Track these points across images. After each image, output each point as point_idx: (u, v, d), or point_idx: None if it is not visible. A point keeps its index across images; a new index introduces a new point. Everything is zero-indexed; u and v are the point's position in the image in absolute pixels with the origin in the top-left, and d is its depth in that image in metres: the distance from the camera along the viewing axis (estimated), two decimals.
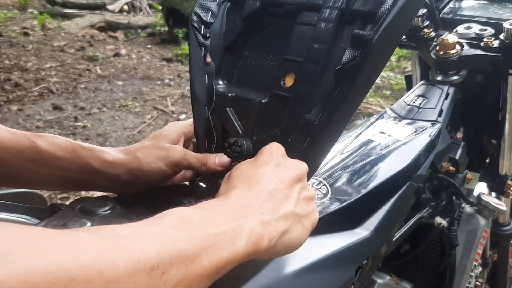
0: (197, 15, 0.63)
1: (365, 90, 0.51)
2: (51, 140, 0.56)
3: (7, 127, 0.54)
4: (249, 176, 0.48)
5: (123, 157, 0.58)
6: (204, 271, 0.35)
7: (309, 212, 0.49)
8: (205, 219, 0.39)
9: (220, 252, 0.37)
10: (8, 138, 0.53)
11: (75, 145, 0.57)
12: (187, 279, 0.33)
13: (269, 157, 0.50)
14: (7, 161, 0.53)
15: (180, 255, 0.33)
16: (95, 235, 0.30)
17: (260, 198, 0.45)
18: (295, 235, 0.46)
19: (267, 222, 0.43)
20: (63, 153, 0.55)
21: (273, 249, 0.44)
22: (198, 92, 0.63)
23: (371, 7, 0.51)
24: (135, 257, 0.29)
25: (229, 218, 0.41)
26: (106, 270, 0.27)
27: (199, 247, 0.35)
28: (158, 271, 0.30)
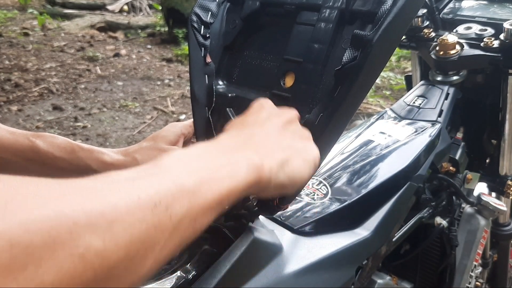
0: (196, 15, 0.63)
1: (365, 90, 0.51)
2: (50, 140, 0.56)
3: (7, 126, 0.55)
4: (241, 122, 0.48)
5: (121, 158, 0.59)
6: (208, 203, 0.35)
7: (307, 148, 0.48)
8: (202, 155, 0.39)
9: (221, 182, 0.36)
10: (7, 138, 0.53)
11: (74, 145, 0.57)
12: (191, 212, 0.33)
13: (260, 107, 0.51)
14: (6, 160, 0.53)
15: (181, 190, 0.33)
16: (93, 181, 0.30)
17: (254, 136, 0.45)
18: (297, 166, 0.46)
19: (264, 153, 0.43)
20: (61, 154, 0.56)
21: (276, 179, 0.43)
22: (198, 92, 0.63)
23: (371, 7, 0.51)
24: (135, 196, 0.29)
25: (225, 152, 0.41)
26: (107, 211, 0.27)
27: (198, 181, 0.35)
28: (161, 207, 0.30)
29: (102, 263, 0.26)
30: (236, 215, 0.55)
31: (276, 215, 0.64)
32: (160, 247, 0.30)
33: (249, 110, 0.51)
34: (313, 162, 0.48)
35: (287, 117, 0.50)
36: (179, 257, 0.53)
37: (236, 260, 0.48)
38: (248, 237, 0.51)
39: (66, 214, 0.26)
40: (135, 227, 0.28)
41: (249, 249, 0.50)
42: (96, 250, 0.26)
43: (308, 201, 0.72)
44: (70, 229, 0.25)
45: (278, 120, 0.48)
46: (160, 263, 0.31)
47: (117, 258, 0.27)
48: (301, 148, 0.47)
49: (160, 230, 0.30)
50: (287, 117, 0.50)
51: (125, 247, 0.28)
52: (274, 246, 0.56)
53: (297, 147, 0.47)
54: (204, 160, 0.38)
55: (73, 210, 0.26)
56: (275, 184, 0.43)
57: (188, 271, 0.50)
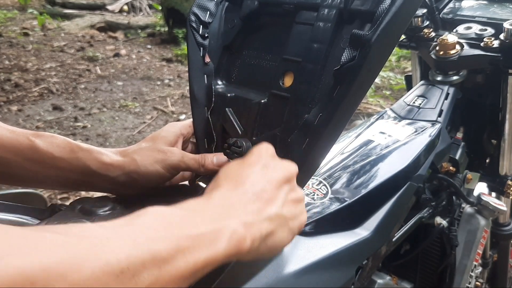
0: (195, 15, 0.63)
1: (364, 90, 0.51)
2: (50, 139, 0.56)
3: (6, 125, 0.55)
4: (236, 176, 0.46)
5: (120, 159, 0.58)
6: (180, 273, 0.33)
7: (297, 214, 0.47)
8: (184, 219, 0.38)
9: (198, 253, 0.35)
10: (7, 137, 0.53)
11: (73, 145, 0.57)
12: (160, 281, 0.32)
13: (258, 157, 0.48)
14: (5, 160, 0.53)
15: (153, 257, 0.32)
16: (62, 236, 0.29)
17: (245, 199, 0.43)
18: (280, 238, 0.45)
19: (250, 223, 0.41)
20: (60, 153, 0.55)
21: (255, 251, 0.42)
22: (197, 92, 0.63)
23: (369, 6, 0.51)
24: (103, 260, 0.29)
25: (210, 219, 0.39)
26: (69, 273, 0.27)
27: (174, 249, 0.33)
28: (128, 274, 0.30)
29: None
30: None
31: None
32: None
33: (248, 157, 0.49)
34: (299, 229, 0.47)
35: (284, 175, 0.47)
36: None
37: (236, 260, 0.48)
38: None
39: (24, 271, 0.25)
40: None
41: None
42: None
43: (308, 201, 0.71)
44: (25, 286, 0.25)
45: (274, 177, 0.46)
46: None
47: None
48: (290, 217, 0.46)
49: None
50: (284, 175, 0.47)
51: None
52: None
53: (287, 216, 0.45)
54: (185, 225, 0.36)
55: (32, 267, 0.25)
56: (253, 255, 0.42)
57: None
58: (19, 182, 0.58)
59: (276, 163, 0.49)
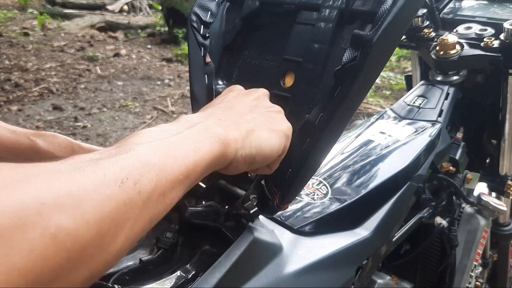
0: (196, 15, 0.63)
1: (365, 90, 0.51)
2: (50, 139, 0.56)
3: (8, 125, 0.55)
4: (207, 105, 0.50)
5: None
6: (175, 177, 0.35)
7: (275, 119, 0.49)
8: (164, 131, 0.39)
9: (186, 155, 0.37)
10: (8, 137, 0.53)
11: (74, 145, 0.57)
12: (160, 187, 0.33)
13: (227, 90, 0.53)
14: (6, 160, 0.53)
15: (146, 165, 0.33)
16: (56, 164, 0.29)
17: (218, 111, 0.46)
18: (264, 137, 0.46)
19: (227, 125, 0.43)
20: (61, 153, 0.56)
21: (243, 150, 0.43)
22: (197, 92, 0.63)
23: (370, 7, 0.51)
24: (100, 174, 0.29)
25: (189, 127, 0.41)
26: (74, 190, 0.27)
27: (163, 155, 0.35)
28: (129, 183, 0.30)
29: (74, 243, 0.26)
30: (236, 215, 0.55)
31: (276, 215, 0.64)
32: (131, 224, 0.30)
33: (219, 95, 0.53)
34: (282, 133, 0.48)
35: (255, 95, 0.51)
36: (179, 257, 0.53)
37: (236, 260, 0.48)
38: (248, 237, 0.51)
39: (32, 195, 0.25)
40: (104, 205, 0.28)
41: (249, 249, 0.50)
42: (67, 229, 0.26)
43: (308, 201, 0.71)
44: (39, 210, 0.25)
45: (245, 98, 0.50)
46: (132, 240, 0.31)
47: (89, 237, 0.27)
48: (268, 119, 0.48)
49: (129, 206, 0.30)
50: (254, 94, 0.51)
51: (96, 225, 0.27)
52: (274, 246, 0.56)
53: (264, 119, 0.47)
54: (166, 136, 0.38)
55: (39, 191, 0.26)
56: (243, 156, 0.44)
57: (188, 271, 0.50)
58: None
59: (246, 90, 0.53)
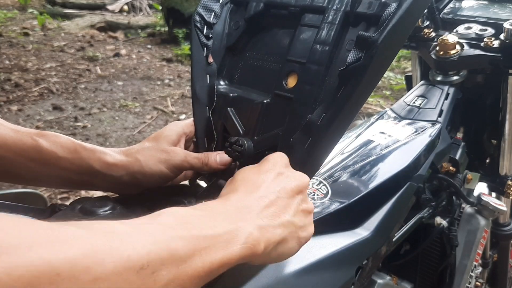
0: (200, 15, 0.64)
1: (369, 91, 0.52)
2: (53, 139, 0.56)
3: (11, 124, 0.54)
4: (252, 181, 0.48)
5: (124, 159, 0.58)
6: (196, 273, 0.34)
7: (306, 224, 0.48)
8: (202, 220, 0.38)
9: (214, 254, 0.36)
10: (11, 136, 0.53)
11: (77, 145, 0.57)
12: (178, 280, 0.33)
13: (273, 165, 0.50)
14: (8, 159, 0.53)
15: (172, 256, 0.32)
16: (86, 231, 0.29)
17: (261, 203, 0.44)
18: (289, 246, 0.46)
19: (265, 228, 0.42)
20: (64, 153, 0.55)
21: (267, 256, 0.43)
22: (199, 92, 0.63)
23: (375, 10, 0.51)
24: (125, 255, 0.29)
25: (227, 221, 0.40)
26: (93, 267, 0.27)
27: (192, 248, 0.34)
28: (148, 271, 0.30)
29: None
30: None
31: None
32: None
33: (264, 164, 0.50)
34: (306, 240, 0.48)
35: (298, 185, 0.49)
36: None
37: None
38: None
39: (50, 263, 0.25)
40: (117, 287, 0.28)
41: None
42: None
43: None
44: (52, 280, 0.25)
45: (288, 186, 0.48)
46: None
47: None
48: (300, 226, 0.47)
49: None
50: (297, 185, 0.49)
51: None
52: None
53: (298, 225, 0.47)
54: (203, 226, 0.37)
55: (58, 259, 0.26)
56: (264, 259, 0.44)
57: None
58: (22, 181, 0.58)
59: (290, 173, 0.50)
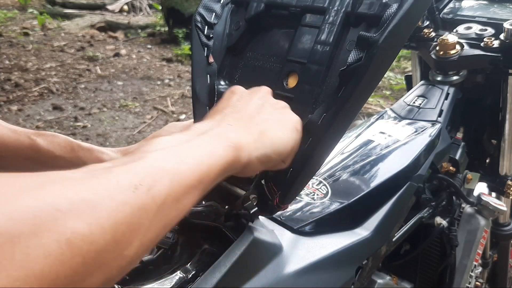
0: (200, 15, 0.64)
1: (369, 91, 0.52)
2: (51, 139, 0.56)
3: (8, 124, 0.55)
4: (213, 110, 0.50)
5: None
6: (189, 182, 0.35)
7: (283, 115, 0.49)
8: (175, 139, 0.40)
9: (200, 161, 0.37)
10: (8, 136, 0.53)
11: (74, 144, 0.57)
12: (174, 192, 0.33)
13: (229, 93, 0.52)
14: (6, 159, 0.53)
15: (160, 171, 0.33)
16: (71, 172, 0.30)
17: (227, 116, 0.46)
18: (276, 135, 0.46)
19: (237, 130, 0.44)
20: (61, 153, 0.56)
21: (257, 151, 0.44)
22: (199, 91, 0.63)
23: (376, 10, 0.51)
24: (113, 181, 0.30)
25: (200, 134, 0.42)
26: (89, 197, 0.28)
27: (176, 161, 0.35)
28: (142, 189, 0.31)
29: (89, 248, 0.26)
30: (236, 215, 0.55)
31: (276, 215, 0.64)
32: (145, 229, 0.31)
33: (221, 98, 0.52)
34: (293, 127, 0.49)
35: (258, 94, 0.51)
36: (179, 257, 0.53)
37: (236, 260, 0.48)
38: (248, 237, 0.51)
39: (48, 201, 0.26)
40: (118, 210, 0.29)
41: (249, 249, 0.50)
42: (83, 234, 0.26)
43: (308, 201, 0.72)
44: (54, 216, 0.25)
45: (249, 99, 0.50)
46: (146, 246, 0.31)
47: (104, 242, 0.27)
48: (276, 117, 0.48)
49: (144, 212, 0.30)
50: (258, 94, 0.51)
51: (111, 230, 0.28)
52: (274, 246, 0.56)
53: (273, 118, 0.48)
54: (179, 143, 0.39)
55: (54, 197, 0.26)
56: (258, 157, 0.44)
57: (188, 271, 0.50)
58: None
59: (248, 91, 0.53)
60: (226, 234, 0.53)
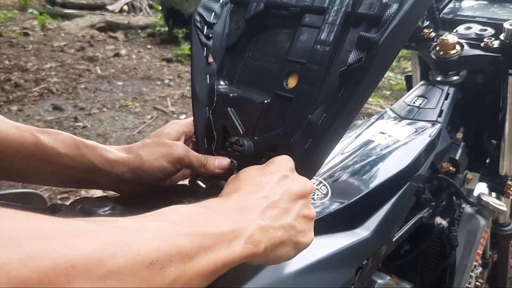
0: (200, 15, 0.64)
1: (369, 92, 0.52)
2: (54, 136, 0.55)
3: (12, 121, 0.54)
4: (256, 181, 0.48)
5: (125, 155, 0.58)
6: (202, 271, 0.35)
7: (306, 230, 0.48)
8: (207, 217, 0.39)
9: (218, 252, 0.37)
10: (12, 133, 0.53)
11: (78, 142, 0.57)
12: (184, 277, 0.33)
13: (279, 167, 0.50)
14: (10, 156, 0.53)
15: (179, 252, 0.33)
16: (97, 225, 0.30)
17: (263, 204, 0.44)
18: (287, 249, 0.46)
19: (266, 229, 0.42)
20: (65, 150, 0.55)
21: (265, 257, 0.43)
22: (199, 92, 0.63)
23: (376, 11, 0.51)
24: (135, 250, 0.30)
25: (230, 219, 0.40)
26: (106, 260, 0.28)
27: (198, 246, 0.35)
28: (157, 266, 0.31)
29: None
30: None
31: None
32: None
33: (269, 165, 0.50)
34: (304, 246, 0.48)
35: (301, 190, 0.49)
36: None
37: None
38: None
39: (65, 255, 0.26)
40: (128, 281, 0.29)
41: None
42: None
43: None
44: (67, 272, 0.26)
45: (292, 189, 0.48)
46: None
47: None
48: (301, 231, 0.47)
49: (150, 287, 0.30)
50: (301, 190, 0.49)
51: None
52: None
53: (298, 229, 0.47)
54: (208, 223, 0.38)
55: (73, 252, 0.26)
56: (262, 260, 0.44)
57: None
58: (23, 178, 0.58)
59: (295, 177, 0.50)
60: None
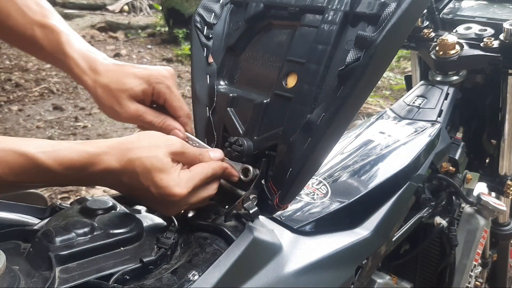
0: (200, 15, 0.64)
1: (368, 91, 0.52)
2: (48, 35, 0.62)
3: (20, 5, 0.62)
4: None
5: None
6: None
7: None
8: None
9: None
10: (16, 19, 0.61)
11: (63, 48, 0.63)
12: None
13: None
14: (8, 35, 0.63)
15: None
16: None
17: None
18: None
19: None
20: (52, 50, 0.63)
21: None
22: (199, 92, 0.64)
23: (374, 10, 0.51)
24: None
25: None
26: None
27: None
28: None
29: None
30: (236, 215, 0.55)
31: (276, 215, 0.64)
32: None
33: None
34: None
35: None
36: (179, 257, 0.53)
37: (236, 260, 0.48)
38: (248, 237, 0.51)
39: None
40: None
41: (249, 249, 0.50)
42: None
43: (308, 201, 0.72)
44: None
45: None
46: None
47: None
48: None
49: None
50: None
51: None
52: (274, 245, 0.56)
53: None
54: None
55: None
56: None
57: (188, 271, 0.50)
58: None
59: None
60: (226, 234, 0.53)
